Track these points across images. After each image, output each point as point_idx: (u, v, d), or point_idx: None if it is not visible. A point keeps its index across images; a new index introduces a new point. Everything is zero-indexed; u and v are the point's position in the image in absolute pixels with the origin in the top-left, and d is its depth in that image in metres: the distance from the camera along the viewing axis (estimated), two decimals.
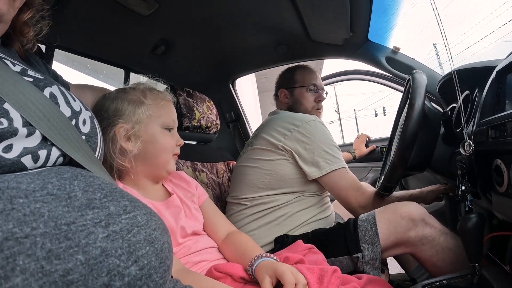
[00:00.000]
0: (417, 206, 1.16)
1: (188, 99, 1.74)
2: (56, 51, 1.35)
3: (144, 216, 0.49)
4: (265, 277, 0.79)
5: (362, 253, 1.12)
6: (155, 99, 0.98)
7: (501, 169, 0.74)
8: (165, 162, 0.99)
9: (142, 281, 0.42)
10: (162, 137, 0.97)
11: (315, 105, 1.70)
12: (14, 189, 0.38)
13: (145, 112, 0.95)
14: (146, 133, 0.95)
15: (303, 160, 1.38)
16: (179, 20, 1.51)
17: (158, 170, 0.99)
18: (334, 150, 1.40)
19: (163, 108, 0.99)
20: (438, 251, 1.11)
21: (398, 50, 1.86)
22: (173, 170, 1.02)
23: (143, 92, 0.98)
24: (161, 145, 0.97)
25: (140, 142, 0.93)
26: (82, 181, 0.46)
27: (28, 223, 0.35)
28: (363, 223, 1.18)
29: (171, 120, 1.01)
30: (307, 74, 1.73)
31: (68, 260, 0.35)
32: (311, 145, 1.38)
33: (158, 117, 0.97)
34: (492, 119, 0.81)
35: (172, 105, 1.05)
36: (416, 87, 1.08)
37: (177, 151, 1.04)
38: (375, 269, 1.11)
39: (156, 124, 0.97)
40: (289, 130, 1.42)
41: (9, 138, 0.43)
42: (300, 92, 1.70)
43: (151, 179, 1.00)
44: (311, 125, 1.42)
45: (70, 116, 0.54)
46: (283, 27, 1.71)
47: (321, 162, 1.36)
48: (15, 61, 0.56)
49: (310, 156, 1.38)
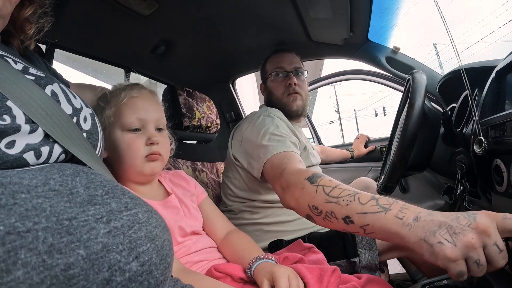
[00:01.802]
0: None
1: (188, 99, 1.74)
2: (56, 50, 1.36)
3: (145, 213, 0.49)
4: (263, 281, 0.78)
5: (360, 257, 1.12)
6: (116, 100, 0.92)
7: (500, 169, 0.75)
8: (136, 167, 0.91)
9: (143, 277, 0.42)
10: (122, 142, 0.90)
11: (285, 90, 1.51)
12: (17, 184, 0.38)
13: (106, 119, 0.91)
14: (108, 139, 0.90)
15: (249, 165, 1.29)
16: (179, 20, 1.52)
17: (133, 174, 0.94)
18: (269, 138, 1.21)
19: (125, 107, 0.91)
20: None
21: (398, 50, 1.87)
22: (149, 173, 0.94)
23: (105, 96, 0.94)
24: (124, 150, 0.90)
25: (103, 148, 0.87)
26: (84, 178, 0.47)
27: (30, 218, 0.35)
28: None
29: (134, 118, 0.91)
30: (274, 59, 1.59)
31: (70, 255, 0.35)
32: (249, 147, 1.29)
33: (118, 120, 0.91)
34: (492, 119, 0.81)
35: (143, 101, 0.95)
36: (416, 86, 1.08)
37: (150, 151, 0.92)
38: (373, 272, 1.11)
39: (117, 128, 0.91)
40: (239, 142, 1.36)
41: (12, 135, 0.43)
42: (270, 81, 1.57)
43: (134, 182, 0.96)
44: (254, 124, 1.32)
45: (71, 113, 0.54)
46: (283, 26, 1.71)
47: (256, 158, 1.22)
48: (16, 59, 0.56)
49: (250, 158, 1.27)
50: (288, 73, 1.53)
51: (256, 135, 1.25)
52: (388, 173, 1.10)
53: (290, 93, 1.50)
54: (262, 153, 1.18)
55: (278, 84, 1.54)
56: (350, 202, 0.77)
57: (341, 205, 0.78)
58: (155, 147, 0.93)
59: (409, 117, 1.02)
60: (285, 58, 1.57)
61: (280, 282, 0.75)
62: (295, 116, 1.53)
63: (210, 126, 1.89)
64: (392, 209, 0.71)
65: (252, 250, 0.96)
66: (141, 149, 0.91)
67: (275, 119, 1.32)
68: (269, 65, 1.60)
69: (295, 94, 1.50)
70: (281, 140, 1.20)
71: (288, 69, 1.54)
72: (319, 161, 1.61)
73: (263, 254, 0.89)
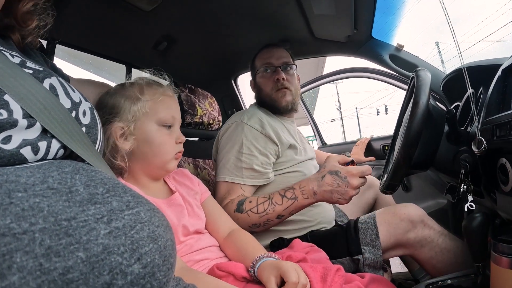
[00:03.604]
0: (416, 208, 1.17)
1: (190, 96, 1.73)
2: (57, 46, 1.35)
3: (147, 212, 0.48)
4: (270, 278, 0.78)
5: (363, 255, 1.12)
6: (153, 94, 0.94)
7: (506, 168, 0.73)
8: (165, 163, 0.95)
9: (145, 279, 0.41)
10: (159, 136, 0.93)
11: (274, 86, 1.49)
12: (13, 183, 0.37)
13: (141, 109, 0.91)
14: (142, 131, 0.91)
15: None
16: (182, 16, 1.51)
17: (156, 170, 0.97)
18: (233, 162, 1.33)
19: (161, 103, 0.94)
20: (437, 252, 1.11)
21: (402, 47, 1.85)
22: (172, 170, 0.99)
23: (141, 87, 0.94)
24: (158, 144, 0.93)
25: (134, 140, 0.90)
26: (84, 175, 0.45)
27: (26, 218, 0.34)
28: (364, 225, 1.17)
29: (170, 116, 0.96)
30: (262, 55, 1.56)
31: (68, 258, 0.34)
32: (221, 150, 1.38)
33: (155, 114, 0.93)
34: (498, 118, 0.80)
35: (174, 100, 1.00)
36: (420, 84, 1.07)
37: (179, 149, 0.99)
38: (377, 270, 1.11)
39: (153, 122, 0.93)
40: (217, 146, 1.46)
41: (8, 129, 0.42)
42: (259, 77, 1.55)
43: (150, 177, 0.98)
44: (229, 132, 1.39)
45: (70, 107, 0.53)
46: (286, 23, 1.70)
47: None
48: (13, 52, 0.55)
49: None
50: (277, 68, 1.50)
51: (223, 146, 1.37)
52: (392, 171, 1.09)
53: (279, 88, 1.48)
54: (219, 169, 1.35)
55: (266, 80, 1.52)
56: (274, 208, 1.17)
57: (270, 213, 1.18)
58: (180, 146, 1.00)
59: (413, 115, 1.01)
60: (274, 53, 1.54)
61: (290, 275, 0.74)
62: (285, 111, 1.52)
63: (212, 123, 1.89)
64: (297, 196, 1.17)
65: (255, 248, 0.96)
66: (173, 147, 0.97)
67: (246, 128, 1.35)
68: (258, 61, 1.58)
69: (284, 90, 1.48)
70: (238, 166, 1.31)
71: (276, 64, 1.51)
72: (312, 155, 1.57)
73: (266, 253, 0.88)
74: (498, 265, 0.75)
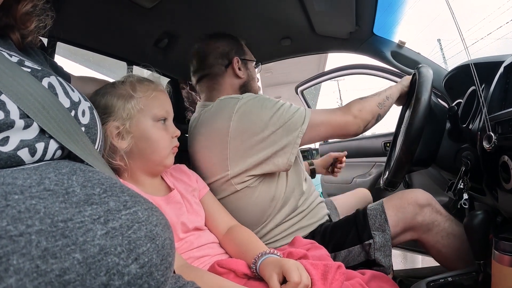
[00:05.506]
0: (423, 192, 1.18)
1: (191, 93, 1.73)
2: (58, 44, 1.34)
3: (145, 211, 0.48)
4: (272, 275, 0.77)
5: (374, 239, 1.13)
6: (146, 90, 0.94)
7: (508, 166, 0.73)
8: (163, 158, 0.96)
9: (143, 279, 0.40)
10: (156, 132, 0.94)
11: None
12: (10, 185, 0.37)
13: (135, 106, 0.91)
14: (138, 128, 0.92)
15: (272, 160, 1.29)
16: (183, 13, 1.50)
17: (154, 166, 0.97)
18: None
19: (155, 99, 0.95)
20: (443, 236, 1.13)
21: (403, 44, 1.84)
22: (170, 165, 1.00)
23: (133, 85, 0.94)
24: (156, 140, 0.94)
25: (131, 138, 0.91)
26: (80, 176, 0.45)
27: (23, 220, 0.34)
28: (372, 211, 1.19)
29: (164, 111, 0.97)
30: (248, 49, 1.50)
31: (65, 259, 0.34)
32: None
33: (150, 110, 0.93)
34: (500, 115, 0.79)
35: (165, 95, 1.00)
36: (422, 81, 1.07)
37: (175, 143, 1.00)
38: (386, 256, 1.11)
39: (148, 118, 0.93)
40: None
41: (5, 131, 0.42)
42: (253, 68, 1.51)
43: (148, 174, 0.98)
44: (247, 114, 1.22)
45: (69, 107, 0.53)
46: (287, 20, 1.69)
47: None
48: (11, 52, 0.54)
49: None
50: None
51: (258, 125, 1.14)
52: (394, 168, 1.09)
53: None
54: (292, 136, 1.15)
55: (255, 76, 1.50)
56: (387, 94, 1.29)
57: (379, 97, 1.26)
58: (175, 140, 1.01)
59: (415, 111, 1.01)
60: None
61: (292, 274, 0.74)
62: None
63: None
64: (386, 91, 1.29)
65: (256, 245, 0.95)
66: (170, 141, 0.98)
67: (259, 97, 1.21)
68: (249, 56, 1.48)
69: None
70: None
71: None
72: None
73: (268, 250, 0.88)
74: (500, 263, 0.75)
